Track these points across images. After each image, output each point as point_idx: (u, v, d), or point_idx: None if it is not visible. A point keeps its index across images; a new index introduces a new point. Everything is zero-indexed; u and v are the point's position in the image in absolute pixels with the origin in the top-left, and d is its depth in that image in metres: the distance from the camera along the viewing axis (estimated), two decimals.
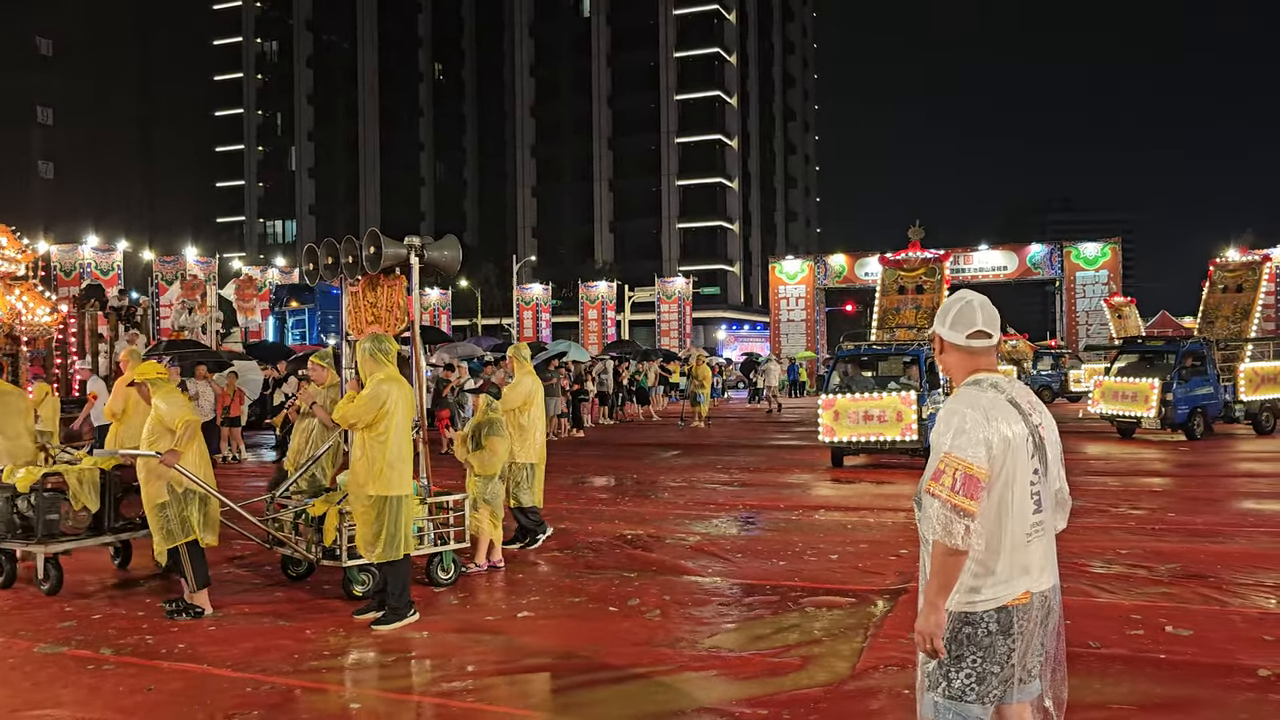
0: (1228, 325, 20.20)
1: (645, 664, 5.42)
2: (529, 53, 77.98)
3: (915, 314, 16.84)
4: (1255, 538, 8.69)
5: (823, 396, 14.44)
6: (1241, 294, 20.45)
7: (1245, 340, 19.71)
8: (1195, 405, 17.64)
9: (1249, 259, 20.83)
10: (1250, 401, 18.70)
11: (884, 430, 13.76)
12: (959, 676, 2.88)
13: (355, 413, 6.29)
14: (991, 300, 3.10)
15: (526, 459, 8.68)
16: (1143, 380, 17.63)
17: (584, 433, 21.44)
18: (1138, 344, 20.15)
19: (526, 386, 8.74)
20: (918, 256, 17.21)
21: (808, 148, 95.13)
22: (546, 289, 50.91)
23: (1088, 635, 5.68)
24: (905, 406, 13.68)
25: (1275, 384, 19.50)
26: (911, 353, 14.79)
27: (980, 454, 2.80)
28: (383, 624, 6.22)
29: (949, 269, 39.45)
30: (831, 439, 14.17)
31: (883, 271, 17.81)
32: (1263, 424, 18.90)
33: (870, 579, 7.36)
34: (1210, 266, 21.21)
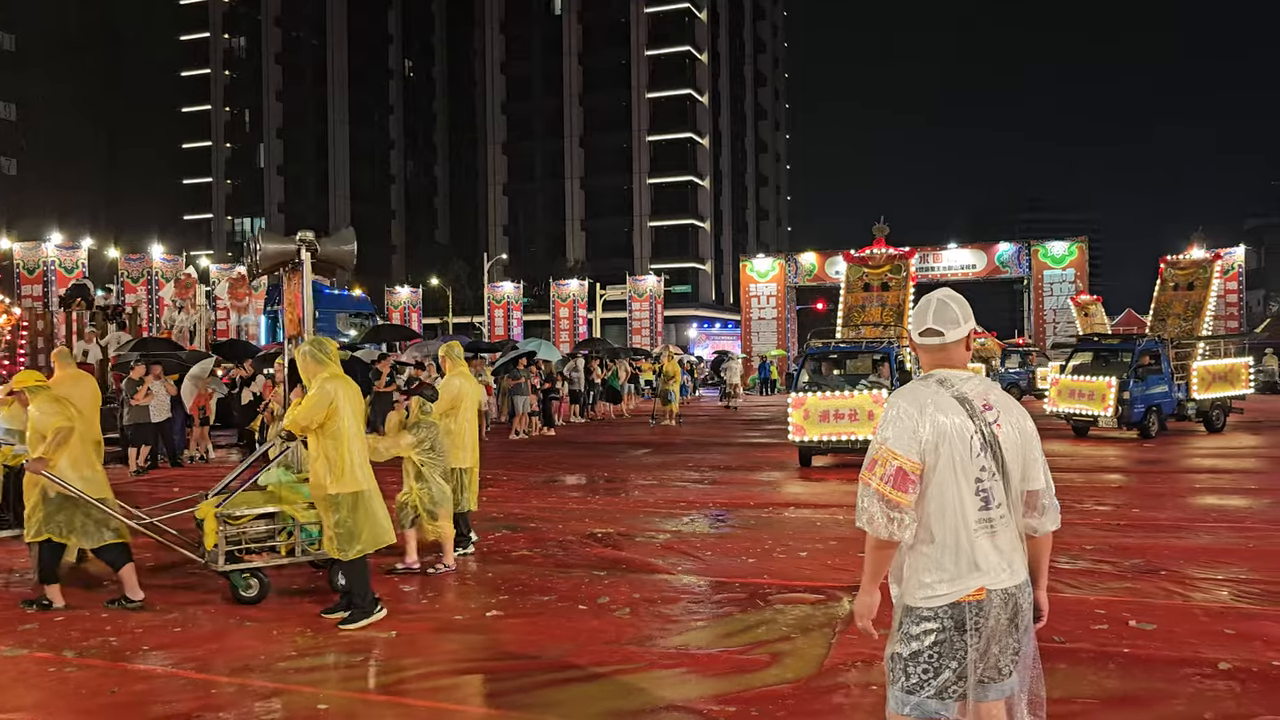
0: (1179, 323, 20.24)
1: (615, 662, 5.42)
2: (500, 50, 77.70)
3: (881, 311, 16.51)
4: (1217, 533, 8.82)
5: (792, 395, 14.18)
6: (1193, 291, 20.47)
7: (1198, 338, 19.79)
8: (1151, 404, 17.66)
9: (1199, 257, 20.82)
10: (1202, 400, 18.75)
11: (855, 429, 13.50)
12: (915, 671, 2.90)
13: (305, 416, 6.24)
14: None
15: (460, 463, 8.27)
16: (1100, 379, 17.60)
17: (555, 431, 21.40)
18: (1093, 342, 20.13)
19: (454, 387, 8.32)
20: (883, 253, 16.92)
21: (779, 146, 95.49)
22: (518, 287, 50.75)
23: (1053, 630, 5.73)
24: (877, 405, 13.41)
25: (1226, 382, 19.58)
26: (882, 350, 14.56)
27: (912, 447, 2.85)
28: (349, 623, 6.18)
29: (915, 266, 39.95)
30: (801, 438, 13.89)
31: (847, 268, 17.45)
32: (1214, 422, 18.96)
33: (839, 576, 7.40)
34: (1161, 264, 21.26)
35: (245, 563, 6.80)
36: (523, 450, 17.89)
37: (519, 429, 20.47)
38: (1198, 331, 19.92)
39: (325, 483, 6.29)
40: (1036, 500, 3.03)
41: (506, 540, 9.03)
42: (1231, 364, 19.95)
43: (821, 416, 13.65)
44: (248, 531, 6.86)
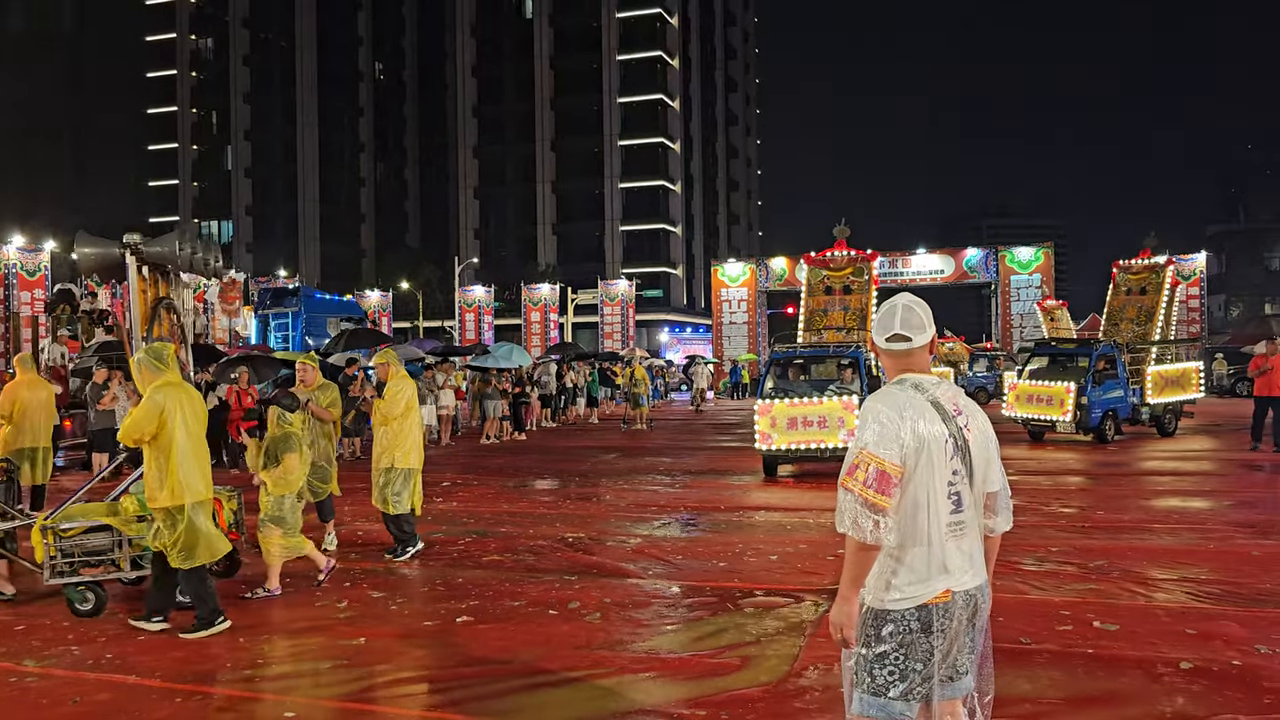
0: (1132, 328, 20.18)
1: (586, 667, 5.42)
2: (471, 53, 77.48)
3: (844, 315, 16.04)
4: (1179, 534, 8.95)
5: (758, 402, 13.62)
6: (1145, 296, 20.43)
7: (1152, 343, 19.76)
8: (1108, 409, 17.54)
9: (1151, 261, 20.76)
10: (1156, 404, 18.73)
11: (825, 437, 12.95)
12: (881, 673, 2.93)
13: (135, 427, 6.09)
14: (929, 303, 3.14)
15: (405, 464, 8.31)
16: (1058, 384, 17.42)
17: (526, 436, 21.35)
18: (1050, 346, 20.00)
19: (408, 392, 8.41)
20: (844, 255, 16.37)
21: (749, 151, 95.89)
22: (489, 291, 50.63)
23: (1019, 631, 5.80)
24: (847, 412, 12.93)
25: (1178, 386, 19.60)
26: (850, 355, 14.11)
27: (893, 451, 2.86)
28: (190, 632, 6.14)
29: (880, 270, 40.13)
30: (769, 447, 13.30)
31: (808, 271, 16.83)
32: (1165, 426, 18.89)
33: (808, 579, 7.44)
34: (1113, 269, 21.23)
35: (79, 576, 6.62)
36: (493, 455, 17.84)
37: (489, 434, 20.40)
38: (1151, 336, 19.91)
39: (155, 495, 6.15)
40: (994, 502, 3.09)
41: (477, 545, 9.00)
42: (1183, 368, 20.04)
43: (789, 423, 13.11)
44: (82, 544, 6.67)
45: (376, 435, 8.48)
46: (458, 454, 18.19)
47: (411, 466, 8.36)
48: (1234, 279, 78.32)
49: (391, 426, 8.32)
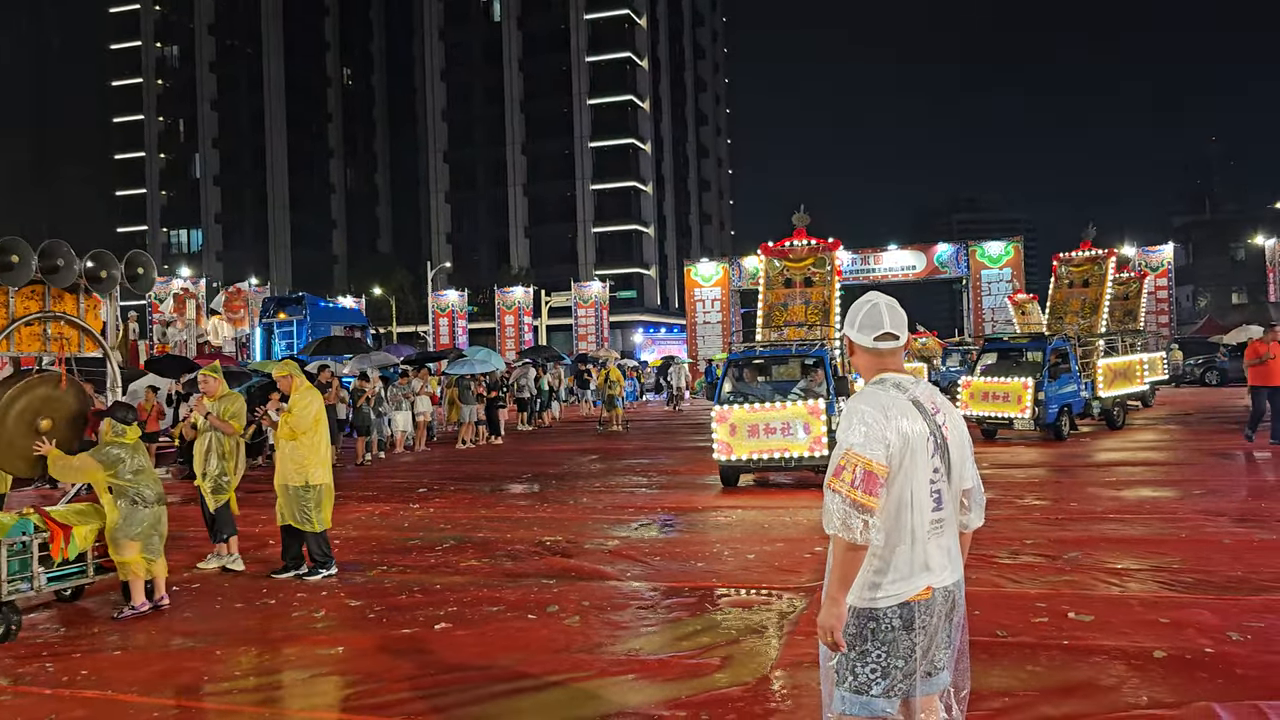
0: (1077, 320, 19.94)
1: (565, 670, 5.42)
2: (440, 57, 77.14)
3: (805, 309, 14.93)
4: (1151, 524, 9.06)
5: (716, 407, 12.52)
6: (1089, 289, 20.23)
7: (1099, 335, 19.49)
8: (1063, 404, 17.14)
9: (1092, 253, 20.50)
10: (1107, 398, 18.52)
11: (790, 445, 12.02)
12: (864, 671, 2.95)
13: None
14: (901, 299, 3.17)
15: (320, 480, 8.01)
16: (1014, 380, 16.87)
17: (501, 440, 21.31)
18: (1001, 341, 19.57)
19: (316, 405, 8.05)
20: (804, 245, 15.18)
21: (720, 151, 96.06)
22: (462, 295, 50.46)
23: (995, 624, 5.85)
24: (813, 417, 11.96)
25: (1126, 379, 19.44)
26: (816, 354, 12.99)
27: (879, 451, 2.88)
28: None
29: (852, 266, 40.37)
30: (729, 457, 12.28)
31: (765, 263, 15.52)
32: (1114, 419, 18.63)
33: (786, 577, 7.47)
34: (1054, 262, 21.04)
35: None
36: (470, 460, 17.78)
37: (465, 439, 20.34)
38: (1097, 329, 19.67)
39: None
40: (968, 498, 3.12)
41: (454, 551, 8.98)
42: (1129, 360, 19.91)
43: (750, 431, 12.15)
44: None
45: (282, 451, 8.05)
46: (434, 459, 18.12)
47: (325, 482, 8.05)
48: (1201, 269, 79.26)
49: (301, 441, 7.93)
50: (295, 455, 7.97)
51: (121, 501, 6.95)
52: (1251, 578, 6.88)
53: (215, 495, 8.31)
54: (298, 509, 7.97)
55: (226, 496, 8.35)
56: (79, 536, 6.99)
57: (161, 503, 7.17)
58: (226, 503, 8.36)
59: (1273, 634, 5.58)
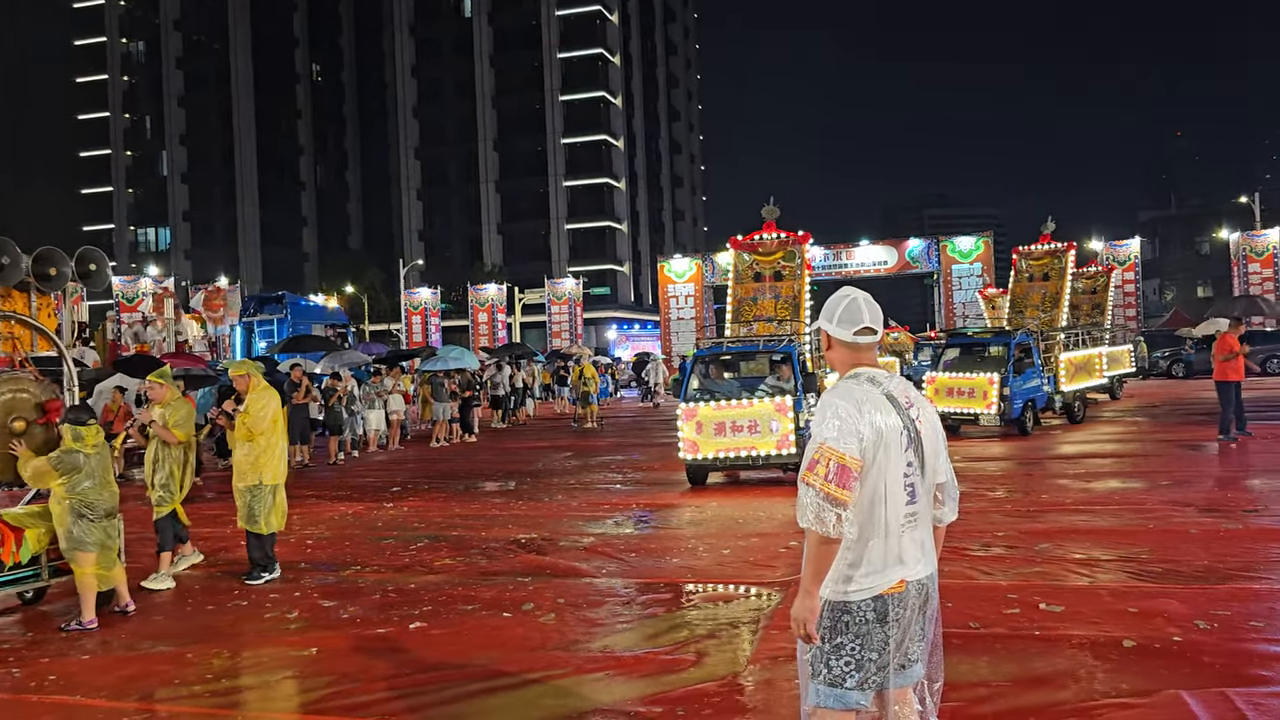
0: (1037, 314, 19.82)
1: (541, 668, 5.41)
2: (410, 53, 76.71)
3: (775, 304, 14.65)
4: (1120, 515, 9.16)
5: (681, 405, 12.21)
6: (1048, 282, 20.15)
7: (1060, 329, 19.44)
8: (1027, 399, 16.97)
9: (1052, 247, 20.35)
10: (1068, 392, 18.42)
11: (756, 443, 11.72)
12: (838, 664, 2.96)
13: None
14: (873, 294, 3.18)
15: (274, 480, 7.89)
16: (980, 375, 16.66)
17: (475, 438, 21.23)
18: (965, 336, 19.42)
19: (274, 404, 7.94)
20: (773, 238, 14.86)
21: (692, 147, 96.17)
22: (435, 293, 50.27)
23: (968, 616, 5.90)
24: (780, 414, 11.68)
25: (1087, 372, 19.31)
26: (783, 350, 12.66)
27: (853, 445, 2.89)
28: None
29: (825, 262, 40.54)
30: (695, 455, 12.00)
31: (735, 256, 15.20)
32: (1075, 413, 18.48)
33: (761, 572, 7.49)
34: (1014, 255, 21.01)
35: None
36: (444, 458, 17.71)
37: (439, 437, 20.25)
38: (1057, 323, 19.59)
39: None
40: (942, 492, 3.15)
41: (429, 550, 8.94)
42: (1089, 354, 19.90)
43: (717, 429, 11.86)
44: None
45: (239, 452, 7.92)
46: (408, 458, 18.03)
47: (278, 482, 7.94)
48: (1167, 263, 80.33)
49: (259, 442, 7.81)
50: (251, 455, 7.84)
51: (70, 514, 6.76)
52: (1218, 567, 6.97)
53: (157, 506, 8.00)
54: (248, 509, 7.83)
55: (169, 508, 8.00)
56: (31, 539, 6.89)
57: (113, 515, 6.93)
58: (170, 514, 8.01)
59: (1239, 622, 5.66)
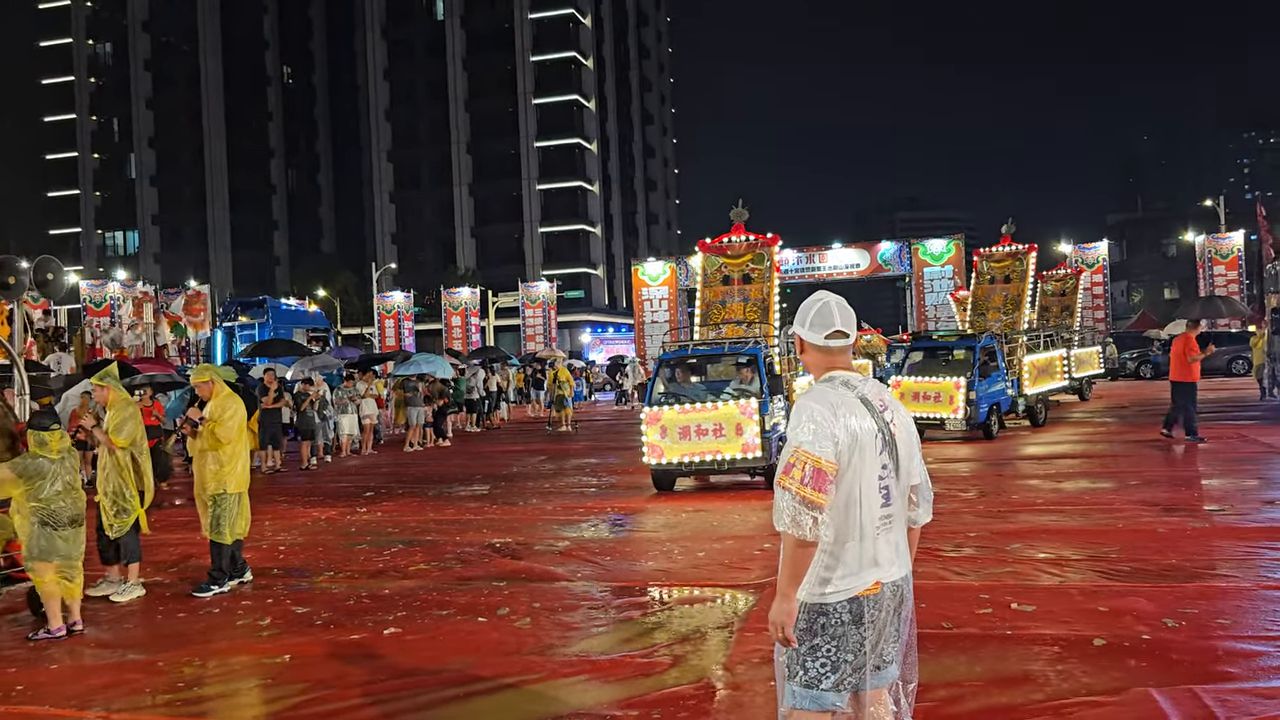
0: (999, 316, 19.55)
1: (517, 673, 5.40)
2: (382, 55, 76.31)
3: (744, 307, 14.47)
4: (1090, 514, 9.27)
5: (645, 409, 12.03)
6: (1010, 284, 19.94)
7: (1024, 332, 19.22)
8: (993, 403, 16.69)
9: (1013, 249, 20.11)
10: (1031, 394, 18.20)
11: (722, 447, 11.53)
12: (814, 665, 2.98)
13: None
14: (846, 297, 3.21)
15: (238, 489, 7.72)
16: (946, 379, 16.31)
17: (449, 442, 21.15)
18: (929, 339, 19.17)
19: (241, 411, 7.75)
20: (742, 241, 14.71)
21: (666, 151, 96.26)
22: (408, 296, 50.00)
23: (941, 616, 5.95)
24: (745, 417, 11.51)
25: (1048, 375, 19.17)
26: (749, 352, 12.49)
27: (828, 449, 2.92)
28: None
29: (797, 265, 40.70)
30: (659, 460, 11.77)
31: (703, 260, 15.05)
32: (1037, 416, 18.27)
33: (736, 575, 7.52)
34: (975, 257, 20.84)
35: None
36: (418, 463, 17.63)
37: (413, 441, 20.16)
38: (1019, 325, 19.36)
39: None
40: (916, 494, 3.18)
41: (403, 555, 8.90)
42: (1050, 357, 19.78)
43: (681, 433, 11.63)
44: None
45: (200, 460, 7.75)
46: (381, 463, 17.94)
47: (242, 490, 7.79)
48: (1135, 265, 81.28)
49: (225, 450, 7.63)
50: (215, 464, 7.67)
51: (33, 522, 6.61)
52: (1185, 565, 7.07)
53: (118, 518, 7.53)
54: (213, 519, 7.66)
55: (130, 520, 7.56)
56: None
57: (77, 524, 6.73)
58: (134, 526, 7.59)
59: (1206, 620, 5.74)
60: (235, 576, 7.88)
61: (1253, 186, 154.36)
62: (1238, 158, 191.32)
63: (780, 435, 11.66)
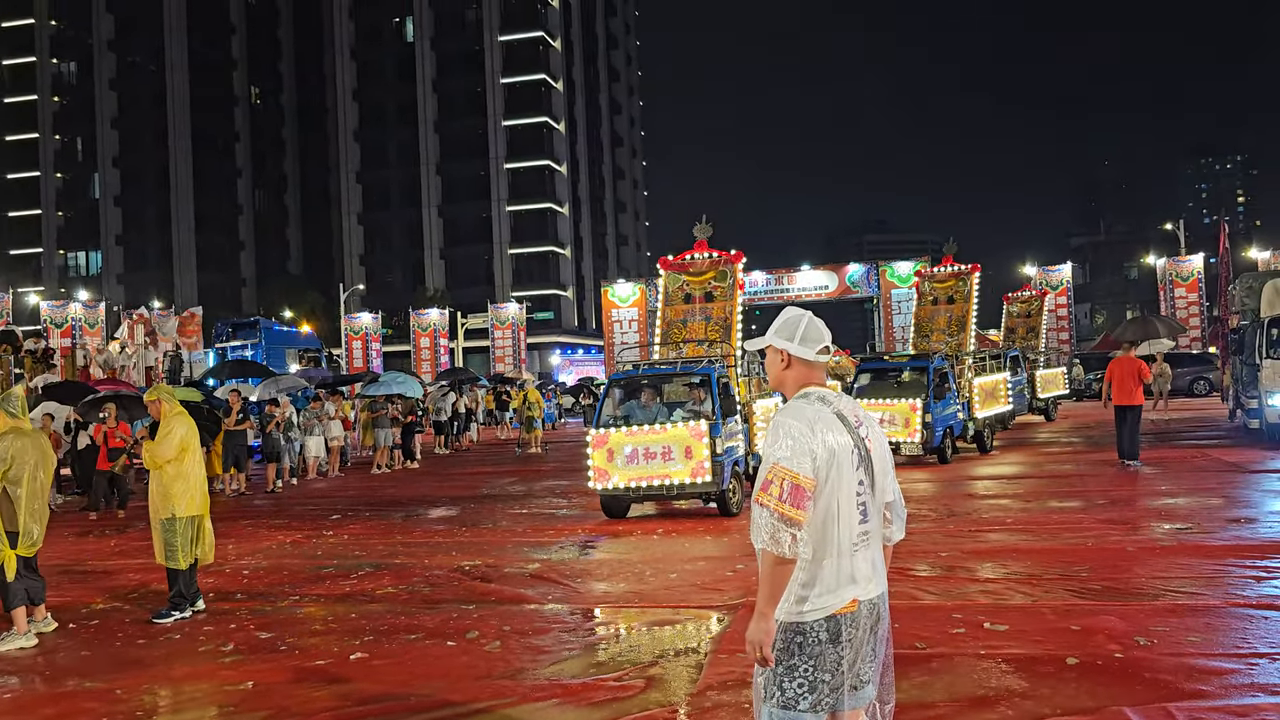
0: (944, 338, 18.96)
1: (487, 698, 5.30)
2: (351, 76, 76.19)
3: (705, 326, 14.04)
4: (1060, 534, 9.30)
5: (592, 431, 11.43)
6: (954, 305, 19.46)
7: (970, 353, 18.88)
8: (946, 425, 16.19)
9: (956, 269, 19.72)
10: (980, 418, 17.66)
11: (670, 471, 10.92)
12: (791, 686, 2.93)
13: None
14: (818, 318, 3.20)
15: (187, 512, 7.42)
16: (901, 402, 15.65)
17: (417, 464, 20.95)
18: (879, 360, 18.68)
19: (180, 431, 7.44)
20: (704, 257, 14.27)
21: (635, 173, 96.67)
22: (376, 318, 49.70)
23: (914, 637, 5.92)
24: (695, 440, 10.90)
25: (995, 398, 18.56)
26: (700, 372, 11.87)
27: (806, 465, 2.88)
28: None
29: (766, 287, 40.87)
30: (605, 485, 11.19)
31: (665, 277, 14.63)
32: (985, 442, 17.66)
33: (708, 595, 7.46)
34: (916, 278, 20.46)
35: None
36: (386, 485, 17.43)
37: (381, 463, 19.95)
38: (965, 347, 18.89)
39: None
40: (890, 511, 3.15)
41: (370, 579, 8.75)
42: (996, 380, 19.11)
43: (629, 456, 11.04)
44: None
45: (151, 482, 7.56)
46: (349, 485, 17.72)
47: (193, 514, 7.47)
48: (1098, 288, 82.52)
49: (167, 471, 7.38)
50: (160, 486, 7.43)
51: None
52: (1154, 583, 7.10)
53: None
54: (163, 543, 7.41)
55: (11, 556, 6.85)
56: None
57: None
58: (19, 566, 6.84)
59: (1177, 637, 5.76)
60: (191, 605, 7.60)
61: (1210, 211, 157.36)
62: (1196, 183, 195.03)
63: (734, 459, 11.56)
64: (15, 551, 6.77)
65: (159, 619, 7.36)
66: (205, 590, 7.98)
